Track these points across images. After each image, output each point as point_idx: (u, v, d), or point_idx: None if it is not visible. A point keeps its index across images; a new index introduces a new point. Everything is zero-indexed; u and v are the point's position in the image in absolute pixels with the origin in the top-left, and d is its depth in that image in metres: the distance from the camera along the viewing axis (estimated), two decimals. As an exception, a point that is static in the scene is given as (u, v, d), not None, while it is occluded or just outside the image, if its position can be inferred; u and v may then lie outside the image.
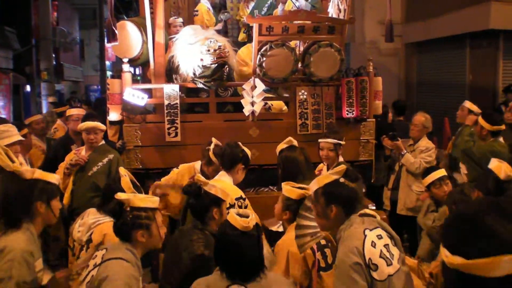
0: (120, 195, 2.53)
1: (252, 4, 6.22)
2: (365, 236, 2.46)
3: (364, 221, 2.53)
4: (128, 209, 2.49)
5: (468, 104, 6.14)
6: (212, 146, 4.09)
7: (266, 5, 6.08)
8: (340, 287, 2.45)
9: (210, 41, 4.72)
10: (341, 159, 4.28)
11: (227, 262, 2.27)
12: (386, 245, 2.50)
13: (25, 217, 2.62)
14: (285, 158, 3.80)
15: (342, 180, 2.56)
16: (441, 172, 4.22)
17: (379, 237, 2.50)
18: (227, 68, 4.92)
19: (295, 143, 3.92)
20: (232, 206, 3.36)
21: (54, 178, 2.78)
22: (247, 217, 2.31)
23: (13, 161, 3.49)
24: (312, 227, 2.79)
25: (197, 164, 4.31)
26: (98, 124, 4.44)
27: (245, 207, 3.48)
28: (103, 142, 4.55)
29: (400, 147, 5.31)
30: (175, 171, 4.36)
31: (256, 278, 2.24)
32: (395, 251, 2.52)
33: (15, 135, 4.21)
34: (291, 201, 3.08)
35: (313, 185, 2.63)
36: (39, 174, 2.70)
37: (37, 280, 2.61)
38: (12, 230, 2.57)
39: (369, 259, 2.42)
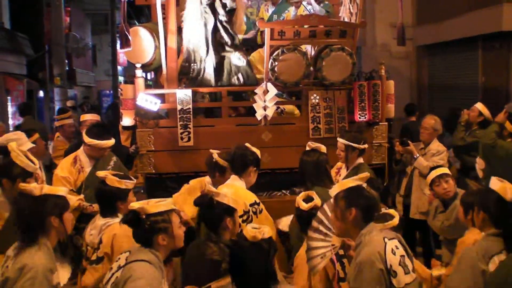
0: (133, 205, 2.56)
1: (272, 9, 6.18)
2: (386, 243, 2.50)
3: (382, 231, 2.58)
4: (144, 216, 2.52)
5: (480, 106, 6.08)
6: (215, 155, 4.05)
7: (286, 11, 6.07)
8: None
9: None
10: (360, 160, 4.27)
11: (238, 272, 2.32)
12: (403, 256, 2.54)
13: (40, 233, 2.66)
14: (301, 163, 3.81)
15: (365, 185, 2.63)
16: (441, 170, 4.19)
17: (397, 247, 2.56)
18: None
19: (323, 149, 3.90)
20: (246, 212, 3.38)
21: (62, 191, 2.82)
22: (262, 228, 2.37)
23: (33, 163, 3.57)
24: (321, 247, 2.82)
25: (207, 179, 4.29)
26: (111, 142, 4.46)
27: (260, 212, 3.50)
28: None
29: (413, 151, 5.30)
30: (186, 186, 4.33)
31: None
32: (410, 264, 2.55)
33: (26, 143, 4.26)
34: (300, 211, 3.13)
35: (335, 189, 2.70)
36: (48, 189, 2.75)
37: None
38: (29, 247, 2.60)
39: (390, 265, 2.45)
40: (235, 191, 3.24)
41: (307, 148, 3.92)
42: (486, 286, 2.58)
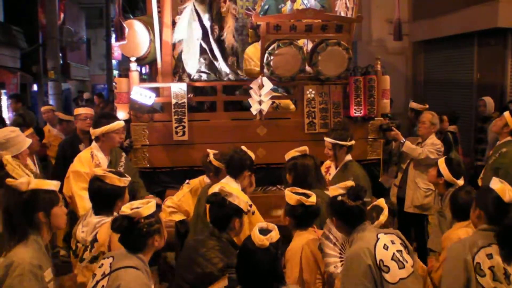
0: (125, 211, 2.51)
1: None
2: (378, 239, 2.58)
3: (378, 229, 2.65)
4: (142, 220, 2.49)
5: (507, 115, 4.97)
6: (211, 156, 4.04)
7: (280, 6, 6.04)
8: (347, 283, 2.51)
9: None
10: (349, 157, 4.27)
11: (246, 275, 2.32)
12: (399, 251, 2.57)
13: (31, 229, 2.59)
14: (301, 165, 3.75)
15: (340, 198, 2.71)
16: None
17: (392, 242, 2.60)
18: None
19: (308, 151, 3.90)
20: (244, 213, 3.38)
21: (51, 185, 2.70)
22: (270, 231, 2.36)
23: (29, 175, 3.50)
24: (333, 255, 2.85)
25: (206, 178, 4.28)
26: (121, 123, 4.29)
27: (253, 213, 3.52)
28: None
29: (398, 135, 5.29)
30: (188, 187, 4.30)
31: None
32: (409, 259, 2.57)
33: (25, 140, 4.20)
34: (290, 206, 3.12)
35: (331, 193, 2.81)
36: (35, 184, 2.63)
37: None
38: (19, 244, 2.54)
39: (380, 260, 2.47)
40: (241, 196, 3.24)
41: (295, 154, 3.88)
42: None
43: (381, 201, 3.00)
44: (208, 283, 2.73)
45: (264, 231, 2.36)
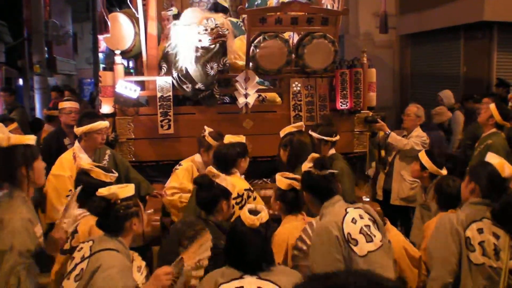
0: (102, 192, 2.50)
1: None
2: (347, 212, 2.62)
3: (348, 204, 2.70)
4: (119, 201, 2.48)
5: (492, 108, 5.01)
6: (207, 132, 4.15)
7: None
8: (316, 255, 2.51)
9: (207, 20, 4.57)
10: (332, 151, 4.27)
11: (235, 255, 2.32)
12: (367, 226, 2.62)
13: (12, 185, 2.59)
14: (297, 141, 3.81)
15: (310, 169, 2.79)
16: (420, 152, 4.20)
17: (361, 216, 2.64)
18: (226, 60, 4.77)
19: (304, 128, 3.97)
20: (240, 196, 3.43)
21: (31, 139, 2.73)
22: (259, 213, 2.38)
23: None
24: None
25: (197, 157, 4.29)
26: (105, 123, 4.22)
27: (254, 199, 3.56)
28: None
29: (383, 127, 5.31)
30: (182, 168, 4.27)
31: (266, 269, 2.29)
32: (377, 233, 2.60)
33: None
34: (281, 191, 3.13)
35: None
36: (15, 139, 2.66)
37: (40, 245, 2.62)
38: (3, 201, 2.53)
39: (348, 233, 2.52)
40: (231, 179, 3.24)
41: (292, 130, 3.90)
42: None
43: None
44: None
45: (253, 212, 2.38)
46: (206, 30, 4.53)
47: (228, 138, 3.80)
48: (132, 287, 2.36)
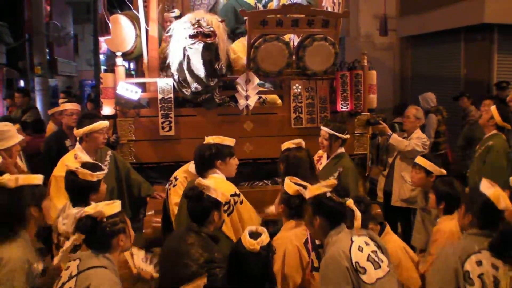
0: (88, 211, 2.49)
1: None
2: (352, 242, 2.58)
3: (352, 232, 2.64)
4: (105, 219, 2.48)
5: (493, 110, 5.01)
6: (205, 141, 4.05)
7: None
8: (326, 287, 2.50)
9: (196, 18, 4.48)
10: (341, 150, 4.29)
11: (237, 278, 2.33)
12: (373, 251, 2.59)
13: (19, 225, 2.60)
14: (293, 157, 3.77)
15: (329, 194, 2.65)
16: (418, 159, 4.18)
17: (366, 243, 2.61)
18: (221, 64, 4.69)
19: (303, 144, 3.91)
20: (227, 203, 3.36)
21: (38, 179, 2.74)
22: (259, 235, 2.36)
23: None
24: None
25: (191, 167, 4.15)
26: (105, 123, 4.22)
27: (241, 203, 3.49)
28: None
29: (385, 128, 5.34)
30: (178, 185, 4.11)
31: None
32: (384, 258, 2.58)
33: (17, 135, 4.16)
34: (287, 195, 3.10)
35: (307, 193, 2.76)
36: (23, 179, 2.66)
37: (36, 282, 2.60)
38: (6, 241, 2.54)
39: (356, 262, 2.50)
40: (214, 182, 3.21)
41: (290, 146, 3.88)
42: None
43: (350, 203, 2.76)
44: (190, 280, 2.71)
45: (254, 235, 2.37)
46: (189, 26, 4.45)
47: (207, 139, 3.72)
48: None
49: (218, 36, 4.55)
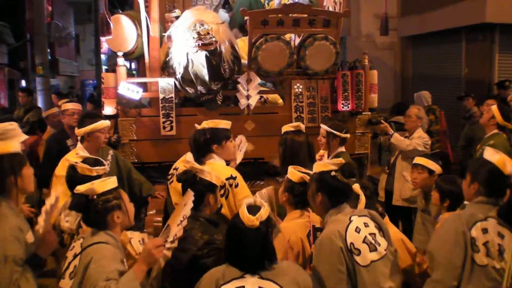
0: (79, 189, 2.49)
1: None
2: (351, 221, 2.56)
3: (353, 211, 2.61)
4: (95, 197, 2.47)
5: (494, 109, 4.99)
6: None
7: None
8: (319, 266, 2.50)
9: (197, 25, 4.48)
10: (342, 149, 4.28)
11: (236, 254, 2.28)
12: (372, 234, 2.56)
13: (0, 195, 2.58)
14: (291, 141, 3.76)
15: (333, 173, 2.65)
16: (419, 159, 4.19)
17: (366, 225, 2.58)
18: (225, 67, 4.69)
19: (303, 128, 3.90)
20: (223, 187, 3.35)
21: (15, 147, 2.72)
22: (258, 208, 2.30)
23: None
24: None
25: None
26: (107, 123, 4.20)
27: (236, 186, 3.45)
28: None
29: (387, 128, 5.35)
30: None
31: (268, 267, 2.25)
32: (383, 241, 2.56)
33: (21, 134, 4.15)
34: (291, 183, 3.07)
35: (314, 167, 2.77)
36: (0, 149, 2.65)
37: (32, 252, 2.61)
38: None
39: (351, 243, 2.48)
40: (212, 168, 3.21)
41: (289, 129, 3.87)
42: None
43: (356, 187, 2.85)
44: (194, 263, 2.68)
45: (252, 209, 2.29)
46: (193, 36, 4.48)
47: (202, 124, 3.69)
48: (123, 271, 2.36)
49: (219, 40, 4.57)
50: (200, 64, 4.59)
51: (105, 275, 2.27)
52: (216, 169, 3.27)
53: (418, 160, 4.07)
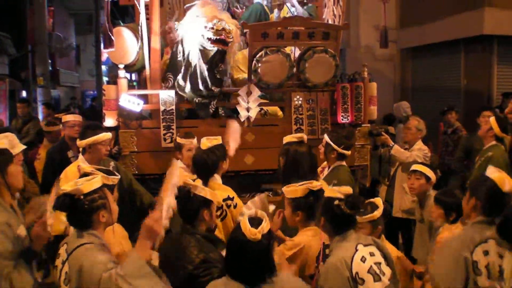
0: (65, 188, 2.48)
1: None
2: (357, 250, 2.54)
3: (359, 237, 2.60)
4: (82, 197, 2.46)
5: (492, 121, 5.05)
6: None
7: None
8: None
9: (217, 21, 4.51)
10: (341, 163, 4.24)
11: (237, 267, 2.27)
12: (377, 263, 2.55)
13: None
14: (294, 152, 3.70)
15: (337, 202, 2.62)
16: (416, 166, 4.21)
17: (371, 254, 2.56)
18: (221, 66, 4.80)
19: (305, 139, 3.88)
20: (220, 208, 3.35)
21: (2, 144, 2.74)
22: (261, 222, 2.28)
23: None
24: None
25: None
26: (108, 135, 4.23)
27: (235, 207, 3.45)
28: None
29: (387, 140, 5.37)
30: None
31: (268, 280, 2.24)
32: (387, 270, 2.56)
33: (19, 145, 4.17)
34: (298, 199, 3.02)
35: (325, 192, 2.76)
36: None
37: (24, 245, 2.63)
38: None
39: (356, 273, 2.47)
40: (212, 186, 3.22)
41: (292, 139, 3.82)
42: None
43: (378, 200, 3.00)
44: (190, 282, 2.68)
45: (254, 221, 2.27)
46: (212, 28, 4.49)
47: (205, 143, 3.70)
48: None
49: (232, 43, 4.68)
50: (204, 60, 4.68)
51: (103, 266, 2.28)
52: (215, 188, 3.29)
53: (416, 166, 4.12)
